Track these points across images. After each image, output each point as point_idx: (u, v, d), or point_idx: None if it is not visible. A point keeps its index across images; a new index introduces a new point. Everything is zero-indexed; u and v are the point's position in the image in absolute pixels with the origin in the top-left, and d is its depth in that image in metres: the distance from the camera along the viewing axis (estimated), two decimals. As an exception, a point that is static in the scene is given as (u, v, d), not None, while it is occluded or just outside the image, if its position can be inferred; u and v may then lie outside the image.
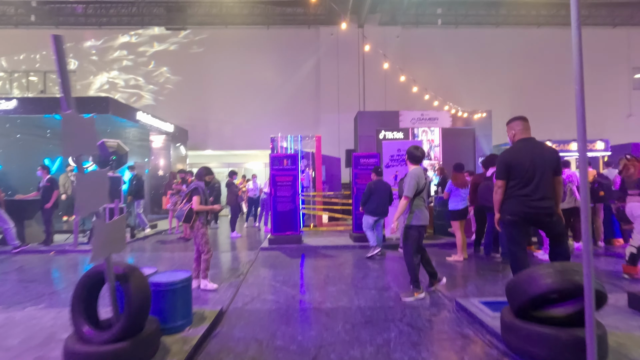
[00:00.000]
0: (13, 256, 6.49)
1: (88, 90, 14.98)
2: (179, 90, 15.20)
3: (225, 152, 16.52)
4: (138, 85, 15.20)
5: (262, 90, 15.16)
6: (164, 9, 14.92)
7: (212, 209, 4.41)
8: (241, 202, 9.38)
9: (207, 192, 4.42)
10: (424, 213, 3.80)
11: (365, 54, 15.13)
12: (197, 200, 4.19)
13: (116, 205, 7.29)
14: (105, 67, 15.15)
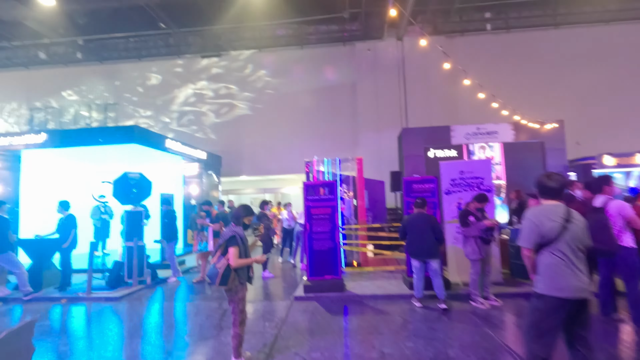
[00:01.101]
0: (24, 303, 5.87)
1: (129, 120, 15.11)
2: (213, 117, 14.90)
3: (260, 177, 15.87)
4: (172, 114, 15.13)
5: (296, 111, 14.44)
6: (198, 37, 14.92)
7: (256, 261, 3.35)
8: (273, 235, 8.33)
9: (247, 240, 3.38)
10: (564, 276, 2.26)
11: (406, 67, 14.00)
12: (235, 254, 3.15)
13: (135, 243, 6.54)
14: (145, 98, 15.28)
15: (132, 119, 15.18)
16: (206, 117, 14.95)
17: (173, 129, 14.88)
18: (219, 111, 14.93)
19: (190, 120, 15.01)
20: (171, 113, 15.13)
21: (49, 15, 12.22)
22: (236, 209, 3.42)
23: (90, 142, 7.95)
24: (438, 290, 4.86)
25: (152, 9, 12.30)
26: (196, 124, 14.96)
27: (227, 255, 3.16)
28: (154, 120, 15.05)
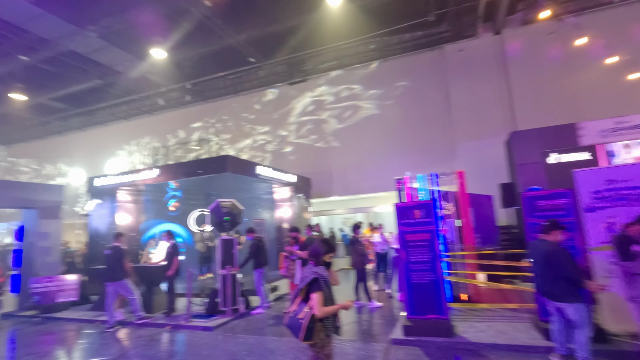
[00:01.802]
0: (136, 328, 6.35)
1: (230, 150, 16.38)
2: (300, 140, 15.19)
3: (350, 197, 15.45)
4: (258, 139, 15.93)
5: (384, 126, 13.74)
6: (286, 66, 15.56)
7: (344, 307, 2.76)
8: (367, 262, 7.63)
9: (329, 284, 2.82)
10: None
11: (509, 62, 12.20)
12: (320, 300, 2.61)
13: (228, 271, 6.60)
14: (240, 130, 16.48)
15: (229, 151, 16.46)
16: (295, 142, 15.32)
17: (273, 155, 15.60)
18: (304, 134, 15.15)
19: (281, 145, 15.56)
20: (256, 142, 15.94)
21: (163, 67, 14.16)
22: (315, 244, 2.89)
23: (191, 174, 8.57)
24: (579, 347, 3.52)
25: (242, 46, 13.25)
26: (288, 148, 15.44)
27: (310, 302, 2.64)
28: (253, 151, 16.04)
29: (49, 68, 13.74)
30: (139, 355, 4.97)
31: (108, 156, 18.87)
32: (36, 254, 8.32)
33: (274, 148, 15.65)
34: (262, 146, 15.95)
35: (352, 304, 2.93)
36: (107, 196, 9.79)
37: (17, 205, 8.20)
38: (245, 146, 16.25)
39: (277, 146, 15.62)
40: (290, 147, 15.31)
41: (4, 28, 11.34)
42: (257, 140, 16.06)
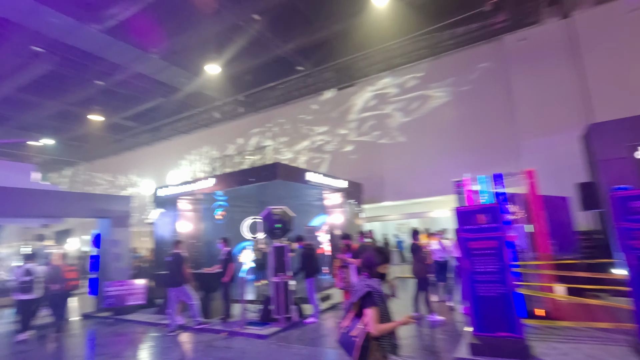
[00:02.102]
0: (195, 333, 6.55)
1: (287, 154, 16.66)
2: (351, 145, 14.97)
3: (404, 202, 14.85)
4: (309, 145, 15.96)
5: (439, 127, 13.00)
6: (333, 72, 15.54)
7: (402, 324, 2.48)
8: (430, 271, 7.12)
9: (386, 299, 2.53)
10: None
11: (583, 47, 10.91)
12: (375, 317, 2.35)
13: (280, 279, 6.57)
14: (295, 136, 16.73)
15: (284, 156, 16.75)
16: (345, 148, 15.15)
17: (323, 162, 15.61)
18: (352, 141, 14.90)
19: (332, 151, 15.48)
20: (307, 148, 15.99)
21: (217, 82, 14.92)
22: (368, 254, 2.65)
23: (243, 182, 8.79)
24: None
25: (290, 55, 13.48)
26: (339, 153, 15.31)
27: (364, 318, 2.41)
28: (299, 156, 16.19)
29: (120, 90, 15.18)
30: (197, 361, 5.09)
31: (172, 168, 20.28)
32: (109, 260, 9.08)
33: (333, 148, 15.42)
34: (320, 147, 15.79)
35: (411, 320, 2.63)
36: (169, 205, 10.43)
37: (94, 215, 9.04)
38: (304, 148, 16.21)
39: (336, 146, 15.44)
40: (350, 146, 15.11)
41: (83, 57, 12.73)
42: (316, 142, 15.93)
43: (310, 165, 15.46)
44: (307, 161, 15.93)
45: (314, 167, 15.38)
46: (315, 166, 15.43)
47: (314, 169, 14.90)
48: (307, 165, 15.58)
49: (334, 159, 15.30)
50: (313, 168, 15.07)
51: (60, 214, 8.45)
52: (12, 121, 17.45)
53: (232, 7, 10.38)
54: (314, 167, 15.33)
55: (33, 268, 7.35)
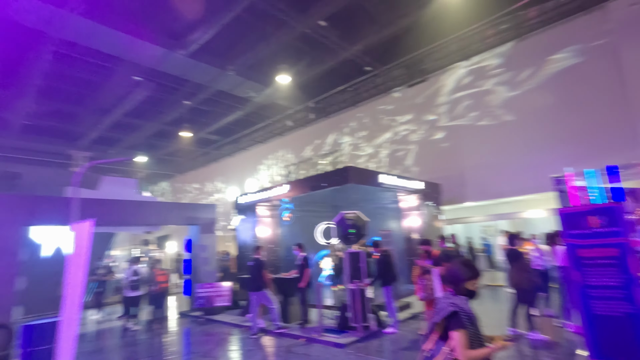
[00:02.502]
0: (275, 337, 6.70)
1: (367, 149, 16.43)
2: (427, 145, 14.11)
3: (489, 202, 13.47)
4: (382, 146, 15.44)
5: (529, 116, 11.49)
6: (403, 69, 14.93)
7: (497, 350, 2.13)
8: (535, 282, 6.23)
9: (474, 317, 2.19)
10: None
11: None
12: (463, 342, 2.03)
13: (356, 285, 6.37)
14: (367, 139, 16.49)
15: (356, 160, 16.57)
16: (415, 142, 14.36)
17: (396, 164, 15.08)
18: (428, 138, 14.00)
19: (404, 151, 14.82)
20: (378, 149, 15.49)
21: (289, 91, 15.47)
22: (453, 267, 2.30)
23: (316, 188, 8.84)
24: None
25: (358, 56, 13.31)
26: (412, 154, 14.60)
27: (449, 342, 2.09)
28: (371, 158, 15.83)
29: (204, 108, 16.67)
30: (277, 366, 5.16)
31: (251, 176, 21.57)
32: (199, 263, 9.90)
33: (419, 137, 14.61)
34: (405, 138, 15.00)
35: (507, 345, 2.22)
36: (249, 212, 11.01)
37: (185, 222, 9.99)
38: (385, 141, 15.61)
39: (424, 134, 14.73)
40: (408, 148, 14.39)
41: (173, 81, 14.29)
42: (399, 132, 15.20)
43: (393, 160, 14.77)
44: (388, 155, 15.21)
45: (397, 161, 14.63)
46: (397, 160, 14.68)
47: (396, 165, 14.36)
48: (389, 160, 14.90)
49: (407, 157, 14.59)
50: (395, 164, 14.48)
51: (158, 222, 9.51)
52: (121, 142, 20.40)
53: (298, 16, 10.61)
54: (397, 162, 14.60)
55: (139, 269, 8.58)
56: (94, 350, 6.88)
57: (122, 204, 8.65)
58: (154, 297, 9.01)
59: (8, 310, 6.59)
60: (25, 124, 16.53)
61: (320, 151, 18.22)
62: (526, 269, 5.71)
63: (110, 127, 17.65)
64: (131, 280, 8.55)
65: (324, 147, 18.06)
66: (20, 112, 15.07)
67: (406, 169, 14.10)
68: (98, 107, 16.48)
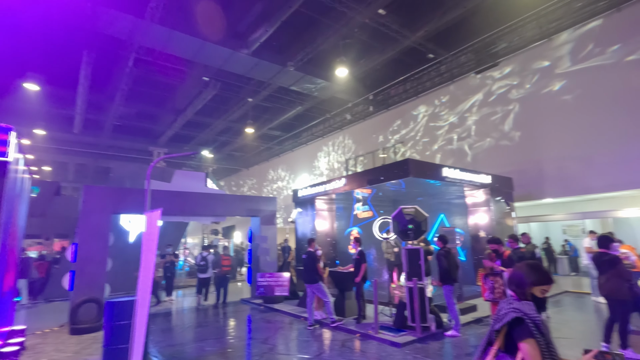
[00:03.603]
0: (330, 330, 6.70)
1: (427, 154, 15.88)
2: (496, 133, 12.93)
3: (572, 198, 11.91)
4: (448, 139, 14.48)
5: (625, 101, 9.88)
6: (471, 54, 13.82)
7: None
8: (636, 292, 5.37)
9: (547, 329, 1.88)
10: None
11: None
12: (535, 352, 1.74)
13: (414, 284, 6.07)
14: (428, 132, 15.72)
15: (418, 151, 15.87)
16: (484, 132, 13.20)
17: (462, 155, 14.14)
18: (501, 123, 12.77)
19: (473, 142, 13.76)
20: (445, 142, 14.55)
21: (348, 85, 15.33)
22: (517, 269, 2.03)
23: (374, 181, 8.62)
24: None
25: (420, 44, 12.65)
26: (482, 146, 13.51)
27: (518, 355, 1.82)
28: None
29: (266, 104, 17.28)
30: None
31: (311, 170, 21.92)
32: (260, 253, 10.33)
33: (491, 128, 13.78)
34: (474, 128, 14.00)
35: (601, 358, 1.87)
36: (308, 205, 11.18)
37: (247, 214, 10.47)
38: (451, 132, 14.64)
39: (496, 123, 13.84)
40: (477, 139, 13.25)
41: (237, 79, 15.04)
42: (466, 123, 13.93)
43: (458, 153, 13.97)
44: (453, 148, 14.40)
45: (464, 154, 13.78)
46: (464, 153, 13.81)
47: (462, 158, 13.46)
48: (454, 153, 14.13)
49: (476, 149, 13.53)
50: (461, 156, 13.62)
51: (223, 213, 10.11)
52: (194, 139, 22.15)
53: (357, 6, 10.38)
54: (463, 155, 13.75)
55: (207, 256, 9.56)
56: (166, 328, 7.57)
57: (191, 195, 9.35)
58: (218, 279, 10.11)
59: (101, 287, 7.55)
60: (115, 124, 18.74)
61: (380, 144, 17.79)
62: (623, 276, 4.90)
63: (184, 126, 19.21)
64: (199, 265, 9.96)
65: (384, 140, 17.60)
66: (111, 114, 17.11)
67: (475, 162, 13.09)
68: (174, 107, 18.06)
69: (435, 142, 15.08)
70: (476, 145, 13.49)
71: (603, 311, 6.92)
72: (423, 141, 15.65)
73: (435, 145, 15.03)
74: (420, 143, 15.75)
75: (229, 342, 6.38)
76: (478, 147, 13.42)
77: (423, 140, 15.66)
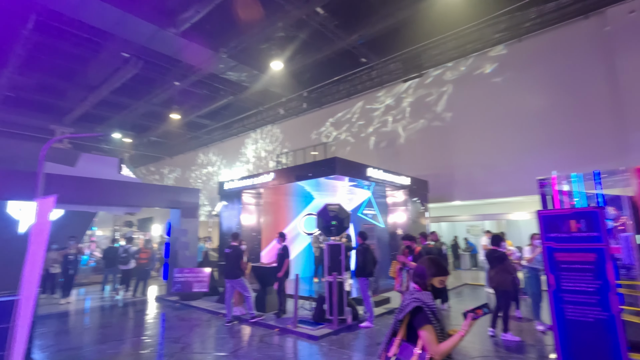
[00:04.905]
0: (249, 326, 6.60)
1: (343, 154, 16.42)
2: (418, 140, 14.03)
3: (477, 202, 13.51)
4: (374, 141, 15.32)
5: (522, 120, 11.45)
6: (399, 63, 14.73)
7: (461, 339, 1.97)
8: (517, 284, 6.19)
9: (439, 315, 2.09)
10: None
11: None
12: (433, 337, 1.95)
13: (334, 278, 6.28)
14: (352, 131, 16.33)
15: (345, 152, 16.41)
16: (408, 139, 14.27)
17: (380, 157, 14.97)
18: (423, 133, 13.92)
19: (394, 146, 14.72)
20: (372, 144, 15.38)
21: (282, 78, 15.17)
22: (421, 262, 2.22)
23: (302, 177, 8.68)
24: None
25: (355, 47, 13.07)
26: (401, 149, 14.50)
27: (420, 340, 1.99)
28: (362, 152, 15.70)
29: (196, 90, 16.25)
30: (248, 356, 5.06)
31: (240, 162, 21.31)
32: (179, 247, 9.73)
33: (411, 134, 14.62)
34: (396, 133, 15.09)
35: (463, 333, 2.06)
36: (235, 198, 10.82)
37: (166, 205, 9.76)
38: (375, 135, 15.57)
39: (416, 131, 14.73)
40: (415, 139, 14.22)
41: (164, 60, 13.88)
42: (390, 127, 15.13)
43: (382, 154, 14.77)
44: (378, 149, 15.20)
45: (386, 156, 14.64)
46: (387, 155, 14.68)
47: (385, 160, 14.25)
48: (378, 155, 14.91)
49: (398, 153, 14.51)
50: (384, 158, 14.40)
51: (138, 203, 9.29)
52: (109, 120, 19.88)
53: (295, 1, 10.32)
54: (386, 157, 14.58)
55: (128, 248, 9.67)
56: (61, 330, 6.71)
57: (100, 182, 8.40)
58: (137, 272, 9.84)
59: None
60: (7, 95, 15.96)
61: (311, 141, 18.03)
62: (509, 270, 5.67)
63: (97, 105, 17.15)
64: (121, 257, 9.73)
65: (316, 138, 17.88)
66: (1, 83, 14.52)
67: (395, 164, 14.00)
68: (85, 82, 15.96)
69: (363, 142, 15.80)
70: (399, 149, 14.48)
71: (493, 301, 7.95)
72: (351, 141, 16.29)
73: (361, 145, 15.75)
74: (356, 126, 16.32)
75: (135, 343, 5.88)
76: (400, 151, 14.42)
77: (351, 140, 16.30)
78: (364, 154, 15.50)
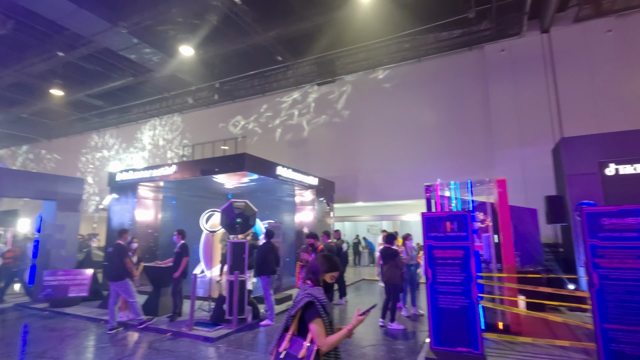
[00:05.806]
0: (137, 332, 6.00)
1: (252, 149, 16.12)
2: (327, 143, 14.64)
3: (377, 203, 14.70)
4: (285, 141, 15.52)
5: (417, 131, 12.89)
6: (315, 66, 15.12)
7: (349, 334, 2.07)
8: (404, 279, 6.88)
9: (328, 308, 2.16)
10: None
11: (557, 63, 11.06)
12: (321, 330, 2.02)
13: (235, 277, 6.11)
14: (264, 128, 16.20)
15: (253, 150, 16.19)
16: (317, 140, 14.79)
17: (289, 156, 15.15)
18: (331, 136, 14.58)
19: (303, 146, 15.08)
20: (283, 143, 15.55)
21: (192, 66, 14.17)
22: (315, 259, 2.31)
23: (208, 172, 8.25)
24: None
25: (271, 44, 12.95)
26: (310, 149, 14.93)
27: (310, 334, 2.05)
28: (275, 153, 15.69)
29: (85, 65, 14.11)
30: (132, 364, 4.59)
31: (138, 152, 19.26)
32: (52, 246, 8.31)
33: (321, 136, 15.00)
34: (306, 134, 15.37)
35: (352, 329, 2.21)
36: (129, 191, 9.71)
37: (36, 195, 8.22)
38: (285, 134, 15.71)
39: (312, 141, 15.11)
40: (323, 142, 14.72)
41: (45, 25, 11.70)
42: (301, 128, 15.42)
43: (291, 154, 14.97)
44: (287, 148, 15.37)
45: (295, 156, 14.90)
46: (296, 156, 14.94)
47: (290, 162, 14.44)
48: (288, 154, 15.06)
49: (308, 154, 14.92)
50: (289, 160, 14.59)
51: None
52: (-40, 88, 15.94)
53: (209, -16, 9.76)
54: (295, 157, 14.83)
55: None
56: None
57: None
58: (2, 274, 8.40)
59: None
60: None
61: (219, 134, 17.34)
62: (399, 266, 6.27)
63: (-58, 66, 13.63)
64: None
65: (223, 128, 17.26)
66: None
67: (304, 165, 14.36)
68: None
69: (272, 141, 15.81)
70: (308, 150, 14.88)
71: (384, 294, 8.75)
72: (266, 115, 16.23)
73: (271, 144, 15.76)
74: (264, 116, 16.22)
75: (-18, 362, 4.82)
76: (310, 152, 14.83)
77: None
78: (270, 146, 15.57)
